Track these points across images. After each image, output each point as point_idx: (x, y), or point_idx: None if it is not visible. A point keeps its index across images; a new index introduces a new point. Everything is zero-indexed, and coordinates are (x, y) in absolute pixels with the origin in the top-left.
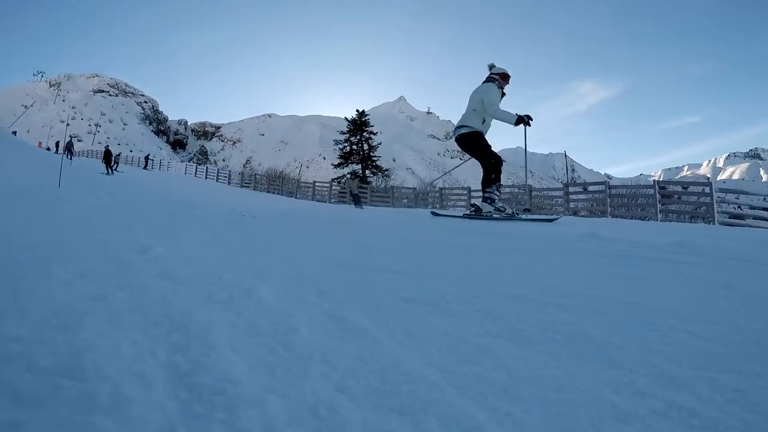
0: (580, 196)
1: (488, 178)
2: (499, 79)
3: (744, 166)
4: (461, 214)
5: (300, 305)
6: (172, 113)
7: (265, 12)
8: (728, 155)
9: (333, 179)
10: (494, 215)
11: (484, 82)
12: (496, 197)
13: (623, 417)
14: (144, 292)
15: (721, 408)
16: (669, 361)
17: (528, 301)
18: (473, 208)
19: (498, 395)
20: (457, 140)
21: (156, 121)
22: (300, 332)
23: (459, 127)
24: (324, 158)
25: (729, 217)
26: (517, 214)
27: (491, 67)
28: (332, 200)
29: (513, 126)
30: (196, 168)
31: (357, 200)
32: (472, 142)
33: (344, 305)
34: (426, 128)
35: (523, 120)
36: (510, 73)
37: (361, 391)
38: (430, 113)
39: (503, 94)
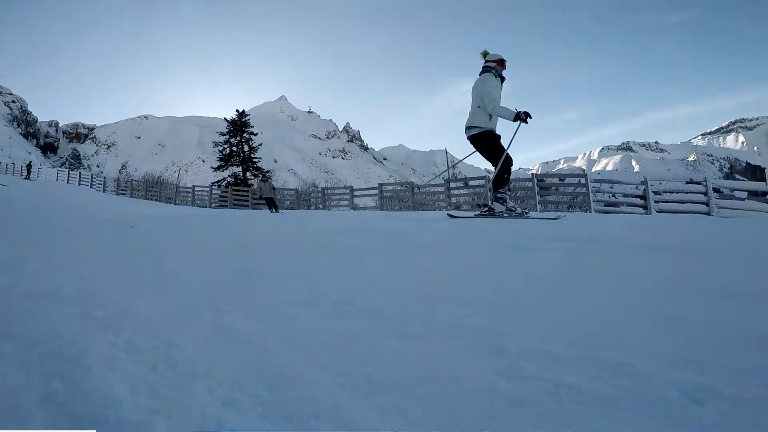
0: (462, 191)
1: (501, 179)
2: (495, 66)
3: (617, 158)
4: (474, 215)
5: (180, 317)
6: (42, 114)
7: (141, 6)
8: (602, 148)
9: (213, 183)
10: (504, 215)
11: (480, 73)
12: (508, 197)
13: (516, 403)
14: (13, 316)
15: (608, 383)
16: (556, 344)
17: (417, 297)
18: (485, 209)
19: (390, 394)
20: (469, 141)
21: (25, 123)
22: (182, 347)
23: (468, 128)
24: (203, 161)
25: (604, 205)
26: (526, 213)
27: (485, 55)
28: (213, 205)
29: (511, 122)
30: (69, 173)
31: (272, 204)
32: (484, 143)
33: (227, 314)
34: (307, 128)
35: (521, 117)
36: (505, 57)
37: (249, 403)
38: (312, 113)
39: (503, 79)
